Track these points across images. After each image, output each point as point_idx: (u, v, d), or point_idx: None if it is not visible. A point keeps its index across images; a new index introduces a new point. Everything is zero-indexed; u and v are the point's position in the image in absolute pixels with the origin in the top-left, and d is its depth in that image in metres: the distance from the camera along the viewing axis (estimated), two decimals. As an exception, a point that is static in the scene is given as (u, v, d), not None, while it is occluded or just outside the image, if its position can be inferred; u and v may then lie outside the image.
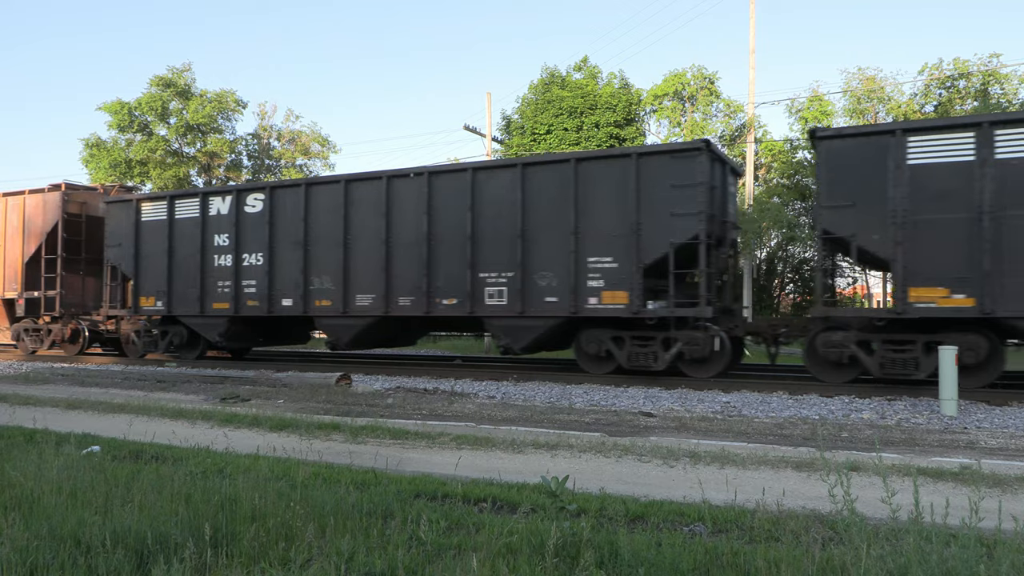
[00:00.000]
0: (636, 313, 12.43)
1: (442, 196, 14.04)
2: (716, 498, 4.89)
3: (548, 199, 13.13)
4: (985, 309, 10.37)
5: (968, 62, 27.09)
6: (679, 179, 12.22)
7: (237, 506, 4.18)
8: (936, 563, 3.08)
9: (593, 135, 29.03)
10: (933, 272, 10.72)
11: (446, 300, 13.88)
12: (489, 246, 13.59)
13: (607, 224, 12.69)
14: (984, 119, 10.66)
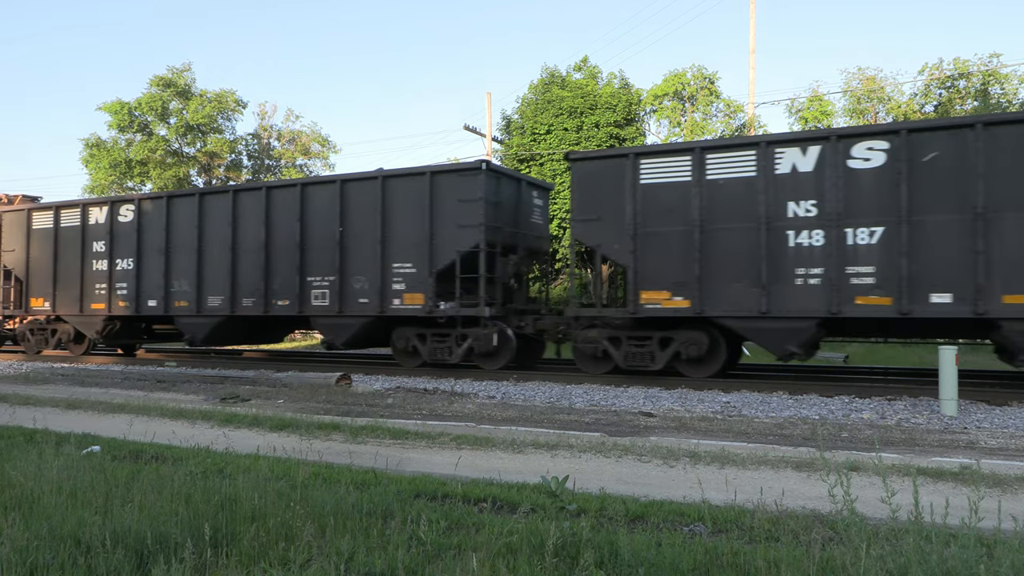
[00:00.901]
0: (430, 312, 14.00)
1: (278, 208, 15.72)
2: (716, 498, 4.89)
3: (362, 211, 14.73)
4: (697, 309, 11.98)
5: (968, 62, 27.10)
6: (464, 195, 13.75)
7: (237, 506, 4.18)
8: (936, 563, 3.08)
9: (593, 135, 29.02)
10: (659, 277, 12.28)
11: (281, 301, 15.57)
12: (315, 253, 15.20)
13: (408, 234, 14.26)
14: (697, 145, 12.27)
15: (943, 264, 10.61)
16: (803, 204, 11.39)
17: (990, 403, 10.19)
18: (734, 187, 11.83)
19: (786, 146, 11.59)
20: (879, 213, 10.96)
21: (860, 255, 11.06)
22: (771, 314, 11.57)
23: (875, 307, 10.96)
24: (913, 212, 10.76)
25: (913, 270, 10.72)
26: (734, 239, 11.80)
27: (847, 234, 11.11)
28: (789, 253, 11.47)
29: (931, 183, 10.71)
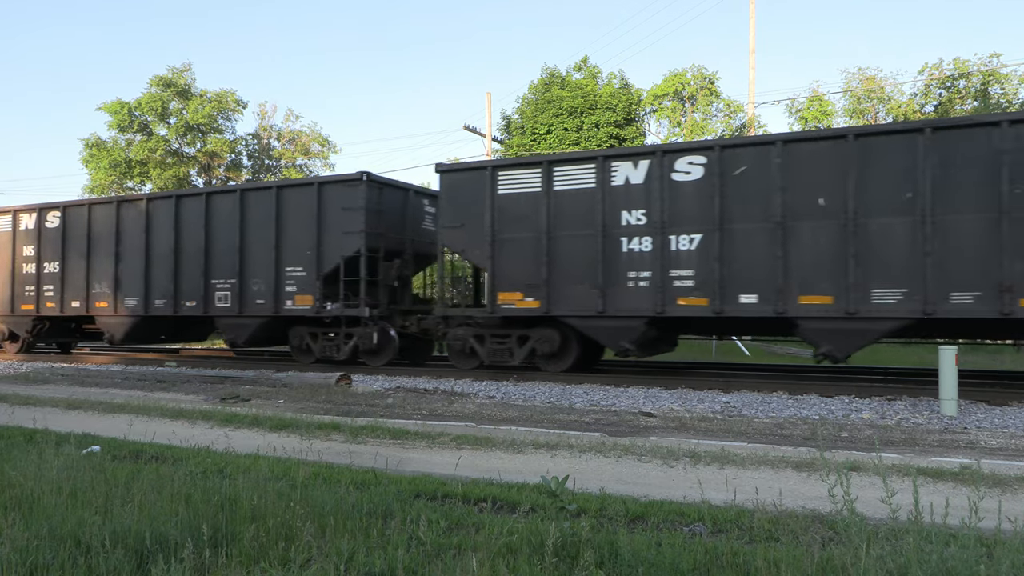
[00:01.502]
0: (318, 313, 15.03)
1: (186, 216, 16.76)
2: (716, 498, 4.89)
3: (259, 219, 15.78)
4: (545, 309, 13.00)
5: (968, 62, 27.10)
6: (347, 204, 14.78)
7: (237, 506, 4.18)
8: (936, 563, 3.08)
9: (593, 135, 29.03)
10: (513, 280, 13.27)
11: (189, 303, 16.56)
12: (219, 258, 16.23)
13: (299, 240, 15.30)
14: (545, 159, 13.36)
15: (750, 268, 11.65)
16: (634, 213, 12.44)
17: (990, 403, 10.19)
18: (577, 197, 12.85)
19: (621, 160, 12.60)
20: (698, 222, 11.98)
21: (682, 260, 12.11)
22: (607, 313, 12.57)
23: (694, 307, 12.01)
24: (725, 221, 11.80)
25: (725, 274, 11.75)
26: (577, 245, 12.83)
27: (671, 240, 12.17)
28: (622, 258, 12.50)
29: (740, 195, 11.74)
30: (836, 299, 11.07)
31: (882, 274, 10.85)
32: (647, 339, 12.68)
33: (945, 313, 10.57)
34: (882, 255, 10.85)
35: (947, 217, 10.51)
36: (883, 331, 11.13)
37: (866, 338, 11.20)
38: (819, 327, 11.31)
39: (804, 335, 11.75)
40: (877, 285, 10.85)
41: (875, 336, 11.25)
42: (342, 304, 14.72)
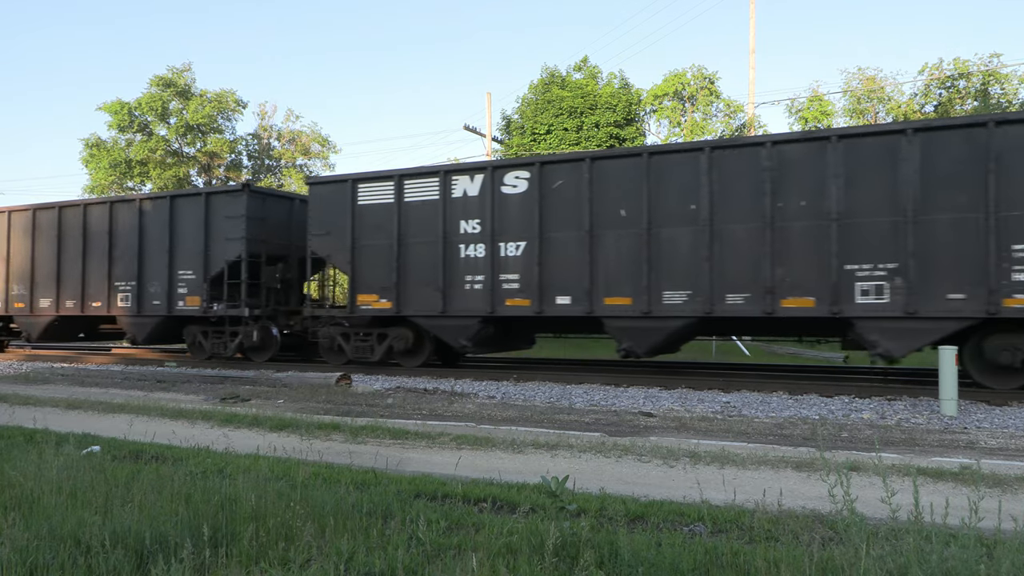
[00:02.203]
0: (205, 312, 16.38)
1: (93, 223, 17.94)
2: (716, 498, 4.89)
3: (156, 226, 17.13)
4: (397, 310, 14.29)
5: (968, 62, 27.10)
6: (230, 213, 16.08)
7: (237, 506, 4.18)
8: (936, 563, 3.08)
9: (593, 135, 29.03)
10: (371, 283, 14.54)
11: (95, 303, 17.86)
12: (121, 262, 17.47)
13: (190, 245, 16.61)
14: (396, 172, 14.49)
15: (565, 272, 12.85)
16: (471, 223, 13.69)
17: (990, 403, 10.19)
18: (423, 208, 14.12)
19: (459, 175, 13.91)
20: (522, 231, 13.25)
21: (510, 265, 13.35)
22: (448, 313, 13.83)
23: (520, 307, 13.28)
24: (545, 230, 13.05)
25: (544, 278, 13.00)
26: (423, 251, 14.10)
27: (500, 247, 13.42)
28: (460, 263, 13.76)
29: (557, 207, 12.99)
30: (634, 300, 12.30)
31: (671, 278, 12.12)
32: (483, 337, 13.93)
33: (722, 312, 11.80)
34: (671, 261, 12.11)
35: (724, 227, 11.78)
36: (673, 328, 12.27)
37: (659, 335, 12.34)
38: (621, 325, 12.51)
39: (610, 332, 12.89)
40: (667, 287, 12.12)
41: (667, 333, 12.32)
42: (226, 305, 16.15)
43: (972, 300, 10.40)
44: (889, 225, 10.83)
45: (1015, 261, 10.19)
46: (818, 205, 11.20)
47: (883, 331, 10.98)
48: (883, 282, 10.88)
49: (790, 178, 11.40)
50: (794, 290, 11.34)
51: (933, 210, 10.61)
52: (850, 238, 11.01)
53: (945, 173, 10.58)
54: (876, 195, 10.92)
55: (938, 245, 10.59)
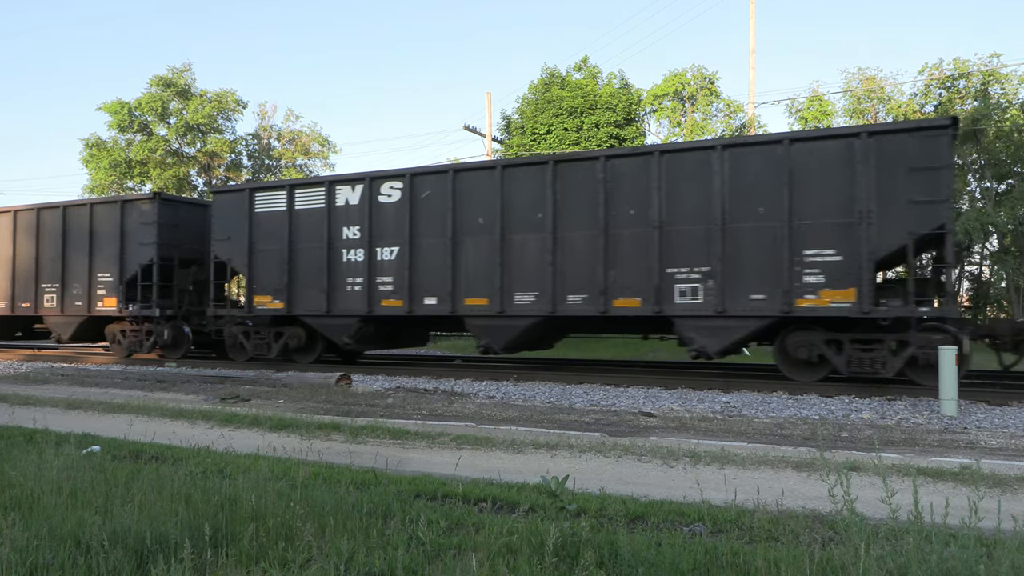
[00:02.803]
0: (120, 312, 17.72)
1: (21, 228, 19.18)
2: (716, 498, 4.89)
3: (78, 232, 18.37)
4: (288, 310, 15.58)
5: (968, 62, 27.08)
6: (144, 219, 17.38)
7: (237, 506, 4.18)
8: (936, 563, 3.08)
9: (593, 135, 29.03)
10: (266, 285, 15.79)
11: (24, 304, 19.14)
12: (47, 265, 18.76)
13: (108, 250, 17.85)
14: (287, 183, 15.97)
15: (432, 275, 14.03)
16: (352, 229, 14.89)
17: (990, 403, 10.20)
18: (312, 215, 15.34)
19: (342, 185, 15.13)
20: (396, 237, 14.41)
21: (385, 268, 14.53)
22: (332, 313, 15.00)
23: (393, 307, 14.48)
24: (415, 236, 14.21)
25: (414, 280, 14.17)
26: (311, 255, 15.27)
27: (377, 252, 14.60)
28: (343, 267, 14.93)
29: (426, 215, 14.13)
30: (491, 301, 13.40)
31: (522, 280, 13.23)
32: (364, 335, 15.12)
33: (564, 312, 12.87)
34: (521, 265, 13.22)
35: (565, 234, 12.91)
36: (524, 326, 13.30)
37: (513, 332, 13.43)
38: (479, 323, 13.73)
39: (470, 330, 14.14)
40: (518, 289, 13.23)
41: (519, 330, 13.37)
42: (140, 305, 17.44)
43: (771, 300, 11.48)
44: (703, 232, 11.93)
45: (806, 265, 11.29)
46: (644, 214, 12.32)
47: (698, 329, 12.08)
48: (698, 284, 11.98)
49: (621, 189, 12.51)
50: (624, 291, 12.45)
51: (739, 219, 11.71)
52: (670, 244, 12.15)
53: (749, 185, 11.67)
54: (692, 205, 12.02)
55: (743, 250, 11.69)
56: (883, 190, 10.84)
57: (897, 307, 10.93)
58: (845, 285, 11.03)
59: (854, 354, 11.22)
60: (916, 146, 10.76)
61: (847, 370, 11.29)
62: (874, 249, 10.86)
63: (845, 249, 11.04)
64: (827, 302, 11.12)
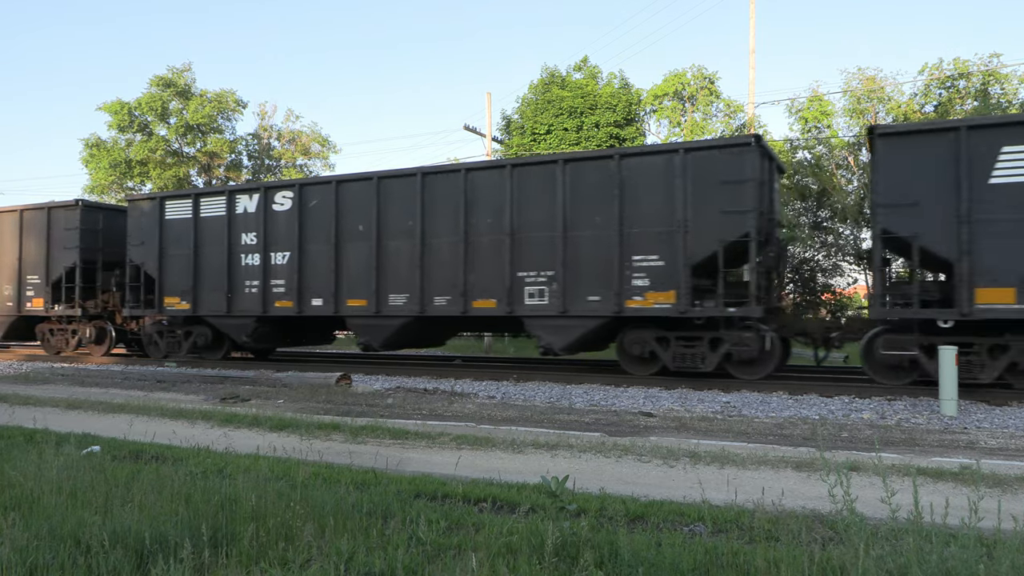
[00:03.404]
0: (47, 312, 18.87)
1: None
2: (716, 498, 4.89)
3: (8, 236, 19.49)
4: (194, 311, 16.82)
5: (968, 62, 27.08)
6: (67, 225, 18.50)
7: (237, 506, 4.18)
8: (936, 563, 3.08)
9: (593, 135, 29.02)
10: (175, 287, 17.10)
11: None
12: None
13: (36, 254, 19.03)
14: (193, 192, 17.20)
15: (318, 279, 15.22)
16: (250, 235, 16.15)
17: (990, 403, 10.19)
18: (215, 222, 16.60)
19: (242, 194, 16.39)
20: (287, 243, 15.68)
21: (278, 272, 15.77)
22: (231, 313, 16.28)
23: (286, 308, 15.71)
24: (304, 242, 15.46)
25: (303, 283, 15.43)
26: (214, 260, 16.49)
27: (271, 257, 15.87)
28: (242, 270, 16.18)
29: (313, 222, 15.38)
30: (368, 302, 14.58)
31: (395, 283, 14.45)
32: (260, 334, 16.43)
33: (431, 312, 14.02)
34: (395, 268, 14.42)
35: (432, 240, 14.09)
36: (397, 325, 14.50)
37: (388, 330, 14.67)
38: (359, 323, 14.94)
39: (351, 329, 15.54)
40: (392, 291, 14.44)
41: (393, 329, 14.55)
42: (64, 306, 18.45)
43: (605, 302, 12.59)
44: (548, 239, 13.05)
45: (635, 270, 12.41)
46: (499, 222, 13.46)
47: (544, 327, 13.25)
48: (544, 287, 13.10)
49: (480, 200, 13.68)
50: (482, 293, 13.58)
51: (579, 227, 12.87)
52: (521, 250, 13.29)
53: (587, 197, 12.82)
54: (540, 214, 13.14)
55: (582, 256, 12.82)
56: (698, 201, 11.98)
57: (710, 308, 12.00)
58: (667, 288, 12.19)
59: (679, 350, 12.41)
60: (725, 162, 11.83)
61: (673, 365, 12.42)
62: (690, 255, 12.00)
63: (667, 255, 12.18)
64: (652, 303, 12.28)
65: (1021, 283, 10.18)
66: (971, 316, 10.46)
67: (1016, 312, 10.24)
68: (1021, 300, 10.15)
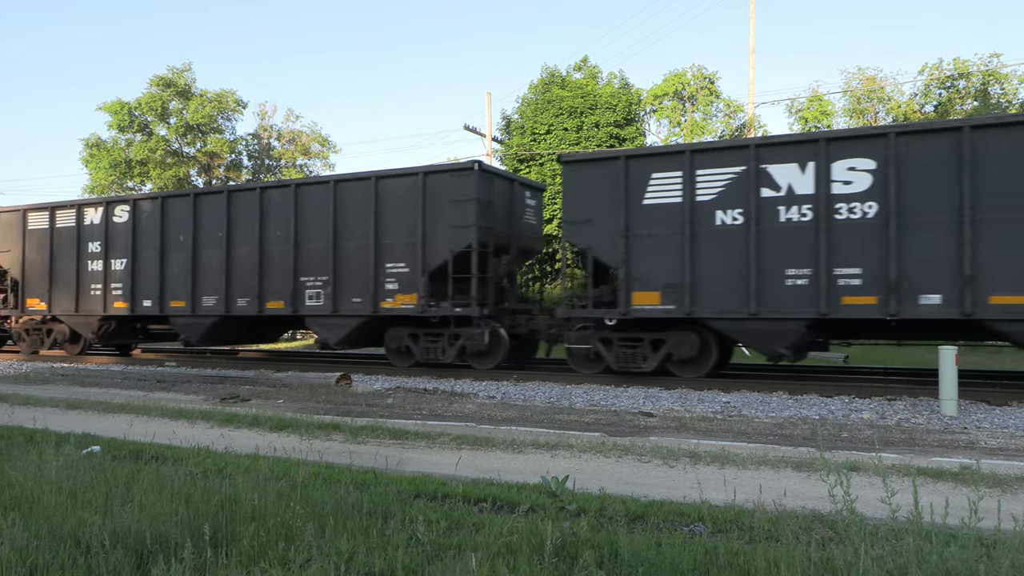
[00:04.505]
0: None
1: None
2: (716, 498, 4.89)
3: None
4: (48, 310, 18.82)
5: (968, 62, 27.08)
6: None
7: (237, 506, 4.18)
8: (936, 563, 3.08)
9: (593, 135, 29.01)
10: (34, 289, 18.95)
11: None
12: None
13: None
14: (49, 205, 19.05)
15: (148, 282, 17.35)
16: (95, 244, 18.16)
17: (990, 403, 10.19)
18: (67, 232, 18.50)
19: (89, 207, 18.40)
20: (124, 251, 17.65)
21: (117, 276, 17.80)
22: (79, 312, 18.30)
23: (121, 309, 17.69)
24: (137, 250, 17.52)
25: (136, 286, 17.49)
26: (66, 265, 18.49)
27: (112, 263, 17.82)
28: (88, 275, 18.22)
29: (145, 233, 17.39)
30: (187, 303, 16.74)
31: (206, 286, 16.54)
32: (104, 331, 18.23)
33: (235, 312, 16.17)
34: (207, 273, 16.49)
35: (236, 249, 16.17)
36: (209, 323, 16.66)
37: (202, 328, 16.74)
38: (179, 321, 17.05)
39: (173, 327, 17.43)
40: (205, 293, 16.52)
41: (206, 327, 16.70)
42: None
43: (365, 303, 14.62)
44: (324, 249, 15.04)
45: (387, 275, 14.42)
46: (287, 233, 15.50)
47: (321, 325, 15.33)
48: (320, 290, 15.14)
49: (272, 215, 15.74)
50: (274, 296, 15.63)
51: (347, 238, 14.87)
52: (303, 258, 15.32)
53: (353, 212, 14.80)
54: (318, 226, 15.15)
55: (349, 263, 14.81)
56: (433, 217, 13.99)
57: (444, 308, 13.87)
58: (410, 291, 14.21)
59: (426, 344, 14.38)
60: (453, 184, 13.85)
61: (422, 358, 14.44)
62: (427, 263, 14.03)
63: (411, 263, 14.18)
64: (400, 304, 14.32)
65: (664, 287, 12.19)
66: (628, 315, 12.42)
67: (661, 312, 12.22)
68: (664, 302, 12.17)
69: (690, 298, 11.90)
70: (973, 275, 10.16)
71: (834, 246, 11.00)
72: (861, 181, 10.94)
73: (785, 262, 11.30)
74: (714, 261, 11.78)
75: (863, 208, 10.90)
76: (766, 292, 11.38)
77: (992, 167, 10.20)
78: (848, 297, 10.92)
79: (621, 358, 12.70)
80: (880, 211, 10.76)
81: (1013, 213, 10.06)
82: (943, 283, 10.37)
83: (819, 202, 11.10)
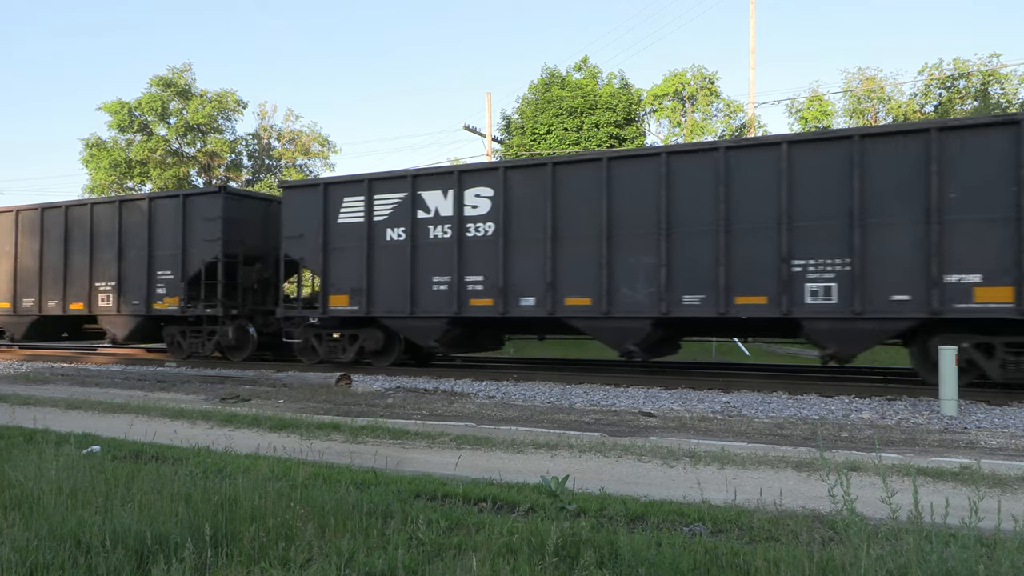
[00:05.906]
0: None
1: None
2: (716, 498, 4.89)
3: None
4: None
5: (968, 62, 27.09)
6: None
7: (237, 506, 4.18)
8: (936, 563, 3.08)
9: (593, 135, 29.03)
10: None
11: None
12: None
13: None
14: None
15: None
16: None
17: (990, 403, 10.19)
18: None
19: None
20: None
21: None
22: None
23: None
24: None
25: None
26: None
27: None
28: None
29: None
30: (10, 304, 18.72)
31: (26, 289, 18.70)
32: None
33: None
34: (27, 280, 18.64)
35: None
36: (27, 322, 18.56)
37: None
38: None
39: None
40: (26, 296, 18.70)
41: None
42: None
43: (141, 304, 17.01)
44: (111, 259, 17.39)
45: (159, 281, 16.89)
46: (84, 245, 17.73)
47: (110, 322, 17.73)
48: (109, 293, 17.42)
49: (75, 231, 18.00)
50: (75, 298, 17.82)
51: (129, 249, 17.22)
52: (96, 267, 17.62)
53: (134, 226, 17.27)
54: (105, 240, 17.48)
55: (131, 271, 17.14)
56: (192, 232, 16.44)
57: (198, 309, 16.33)
58: (174, 295, 16.70)
59: (191, 340, 16.93)
60: (205, 204, 16.32)
61: (187, 351, 17.06)
62: (187, 271, 16.49)
63: (175, 270, 16.66)
64: (167, 305, 16.76)
65: (351, 291, 14.60)
66: (327, 315, 14.99)
67: (349, 312, 14.68)
68: (351, 304, 14.58)
69: (367, 300, 14.43)
70: (554, 282, 12.72)
71: (465, 258, 13.54)
72: (484, 206, 13.46)
73: (433, 271, 13.83)
74: (385, 270, 14.33)
75: (485, 227, 13.47)
76: (420, 295, 13.92)
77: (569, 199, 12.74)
78: (474, 299, 13.45)
79: (328, 350, 15.28)
80: (495, 230, 13.28)
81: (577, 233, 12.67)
82: (536, 288, 12.92)
83: (456, 222, 13.62)
